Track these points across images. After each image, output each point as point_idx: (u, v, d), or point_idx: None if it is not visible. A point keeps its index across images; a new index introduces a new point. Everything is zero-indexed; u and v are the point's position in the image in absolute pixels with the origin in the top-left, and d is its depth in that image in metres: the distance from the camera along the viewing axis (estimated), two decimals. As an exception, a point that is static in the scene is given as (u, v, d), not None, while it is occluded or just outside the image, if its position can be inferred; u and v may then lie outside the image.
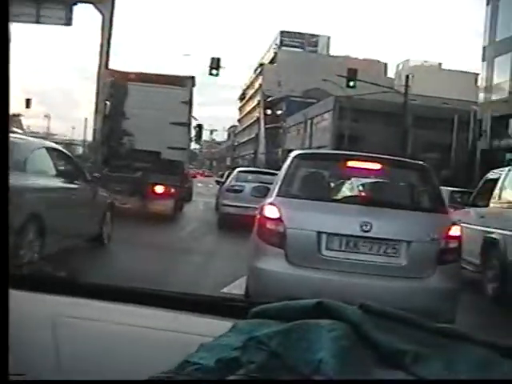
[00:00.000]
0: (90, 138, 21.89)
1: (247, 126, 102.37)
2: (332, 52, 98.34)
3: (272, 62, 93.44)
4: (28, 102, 54.69)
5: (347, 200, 6.22)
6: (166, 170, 16.17)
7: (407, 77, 35.95)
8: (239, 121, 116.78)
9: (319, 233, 5.60)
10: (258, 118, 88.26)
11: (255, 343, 1.04)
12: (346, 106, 47.74)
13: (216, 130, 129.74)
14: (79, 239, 9.11)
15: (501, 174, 10.41)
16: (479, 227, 9.97)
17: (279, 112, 79.06)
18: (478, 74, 47.64)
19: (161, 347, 1.26)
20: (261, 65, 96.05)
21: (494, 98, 37.08)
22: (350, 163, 6.50)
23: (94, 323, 1.38)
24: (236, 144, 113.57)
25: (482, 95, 40.16)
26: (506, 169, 10.61)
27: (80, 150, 46.56)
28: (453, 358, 1.06)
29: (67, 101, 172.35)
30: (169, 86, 17.40)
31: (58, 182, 8.37)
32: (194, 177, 47.65)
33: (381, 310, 1.14)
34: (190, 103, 18.21)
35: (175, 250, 10.76)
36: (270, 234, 5.66)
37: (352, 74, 30.09)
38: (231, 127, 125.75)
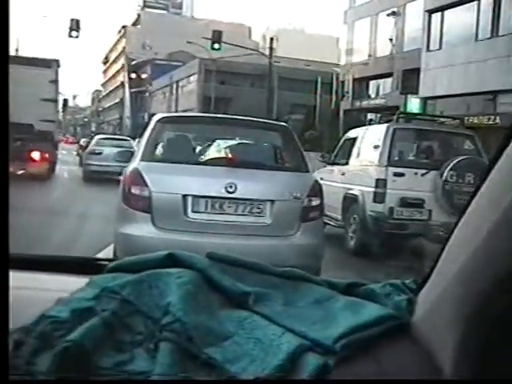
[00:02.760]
0: None
1: (112, 91, 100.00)
2: (196, 15, 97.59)
3: (135, 24, 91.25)
4: None
5: (212, 162, 6.18)
6: (39, 140, 19.35)
7: (271, 39, 36.20)
8: (103, 85, 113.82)
9: (185, 196, 5.59)
10: (123, 82, 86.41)
11: (108, 293, 1.09)
12: (211, 69, 47.55)
13: (79, 95, 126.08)
14: None
15: (358, 133, 10.84)
16: (340, 184, 10.36)
17: (144, 76, 77.78)
18: (339, 38, 48.91)
19: (19, 306, 1.19)
20: (123, 27, 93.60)
21: (354, 60, 38.25)
22: (214, 125, 6.72)
23: None
24: (101, 109, 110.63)
25: (343, 58, 41.35)
26: (364, 128, 11.13)
27: None
28: (292, 296, 1.17)
29: None
30: (38, 68, 20.13)
31: None
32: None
33: (226, 256, 1.24)
34: (56, 82, 21.08)
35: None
36: (135, 199, 5.59)
37: (217, 36, 29.81)
38: (95, 92, 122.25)
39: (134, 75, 79.58)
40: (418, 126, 10.61)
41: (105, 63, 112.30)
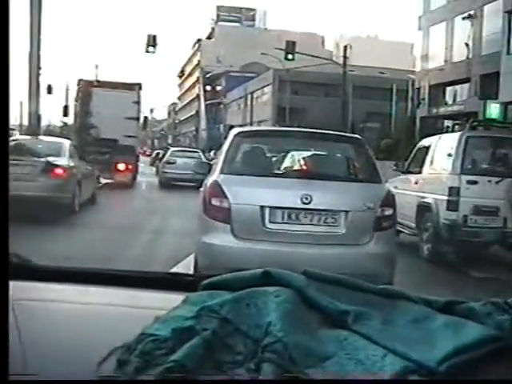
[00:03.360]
0: (26, 121, 25.54)
1: (187, 103, 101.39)
2: (269, 26, 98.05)
3: (209, 37, 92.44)
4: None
5: (288, 174, 6.52)
6: (123, 153, 22.42)
7: (345, 47, 35.97)
8: (179, 98, 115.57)
9: (262, 207, 5.85)
10: (198, 95, 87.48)
11: (207, 312, 1.09)
12: (285, 79, 47.70)
13: (156, 108, 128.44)
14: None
15: (431, 142, 10.96)
16: (414, 193, 10.50)
17: (219, 88, 78.58)
18: (413, 44, 48.13)
19: (117, 323, 1.30)
20: (198, 40, 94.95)
21: (430, 66, 37.59)
22: (288, 138, 7.21)
23: (51, 304, 1.40)
24: (177, 122, 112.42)
25: (418, 64, 40.69)
26: (437, 137, 11.14)
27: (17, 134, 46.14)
28: (390, 314, 1.14)
29: None
30: (122, 91, 23.68)
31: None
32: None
33: (322, 274, 1.22)
34: (138, 103, 24.39)
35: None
36: (215, 211, 5.88)
37: (290, 47, 29.84)
38: (171, 104, 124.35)
39: (208, 87, 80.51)
40: (491, 134, 10.53)
41: (180, 77, 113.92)
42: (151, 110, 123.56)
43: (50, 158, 12.30)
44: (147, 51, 30.05)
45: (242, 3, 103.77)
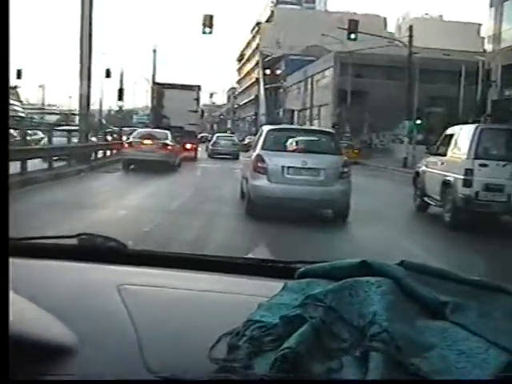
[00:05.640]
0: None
1: (247, 88, 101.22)
2: (329, 8, 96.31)
3: (269, 20, 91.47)
4: (19, 73, 52.94)
5: (296, 150, 11.59)
6: (188, 136, 31.03)
7: (411, 27, 34.40)
8: (238, 82, 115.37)
9: (283, 166, 11.23)
10: (258, 79, 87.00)
11: (313, 300, 1.13)
12: (347, 62, 46.24)
13: (216, 93, 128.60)
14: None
15: (454, 131, 13.51)
16: (439, 171, 13.08)
17: (278, 71, 77.82)
18: (480, 25, 45.95)
19: (220, 309, 1.35)
20: (257, 24, 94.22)
21: (503, 45, 35.53)
22: (298, 132, 13.40)
23: (155, 290, 1.45)
24: (236, 106, 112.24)
25: (488, 44, 38.60)
26: (458, 127, 13.68)
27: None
28: (488, 306, 1.15)
29: (59, 70, 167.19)
30: (186, 91, 33.41)
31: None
32: None
33: (421, 265, 1.25)
34: (197, 99, 34.52)
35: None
36: (259, 168, 11.30)
37: (353, 26, 28.66)
38: (230, 89, 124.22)
39: (268, 71, 79.95)
40: (503, 127, 13.83)
41: (239, 61, 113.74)
42: (211, 95, 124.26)
43: (163, 140, 23.42)
44: (204, 32, 29.59)
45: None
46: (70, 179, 17.75)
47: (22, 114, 68.52)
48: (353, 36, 28.77)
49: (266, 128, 12.64)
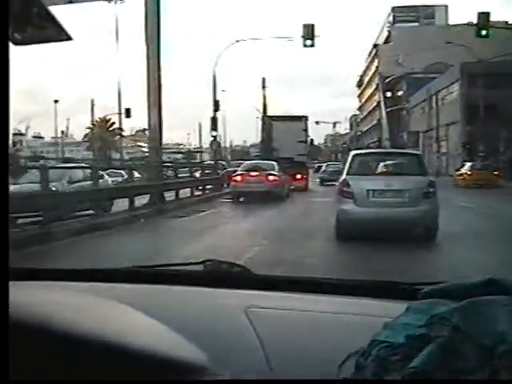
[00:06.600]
0: (206, 144, 31.82)
1: (368, 113, 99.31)
2: (451, 21, 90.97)
3: (387, 41, 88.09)
4: (128, 112, 52.27)
5: (379, 173, 12.18)
6: (298, 167, 31.15)
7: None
8: (359, 109, 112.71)
9: (368, 190, 11.77)
10: (379, 102, 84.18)
11: (438, 320, 1.11)
12: (476, 72, 41.61)
13: (339, 122, 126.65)
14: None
15: None
16: None
17: (400, 93, 74.94)
18: None
19: (344, 330, 1.36)
20: (375, 46, 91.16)
21: None
22: (379, 155, 14.30)
23: (281, 312, 1.50)
24: (359, 133, 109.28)
25: None
26: None
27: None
28: None
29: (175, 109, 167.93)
30: (294, 122, 33.98)
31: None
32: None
33: None
34: (306, 130, 34.71)
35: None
36: (345, 193, 11.85)
37: (483, 20, 24.38)
38: (352, 116, 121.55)
39: (389, 94, 77.94)
40: None
41: (359, 86, 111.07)
42: (334, 125, 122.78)
43: (269, 171, 23.85)
44: (305, 45, 27.20)
45: (420, 1, 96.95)
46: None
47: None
48: (483, 32, 24.43)
49: (352, 153, 13.29)
